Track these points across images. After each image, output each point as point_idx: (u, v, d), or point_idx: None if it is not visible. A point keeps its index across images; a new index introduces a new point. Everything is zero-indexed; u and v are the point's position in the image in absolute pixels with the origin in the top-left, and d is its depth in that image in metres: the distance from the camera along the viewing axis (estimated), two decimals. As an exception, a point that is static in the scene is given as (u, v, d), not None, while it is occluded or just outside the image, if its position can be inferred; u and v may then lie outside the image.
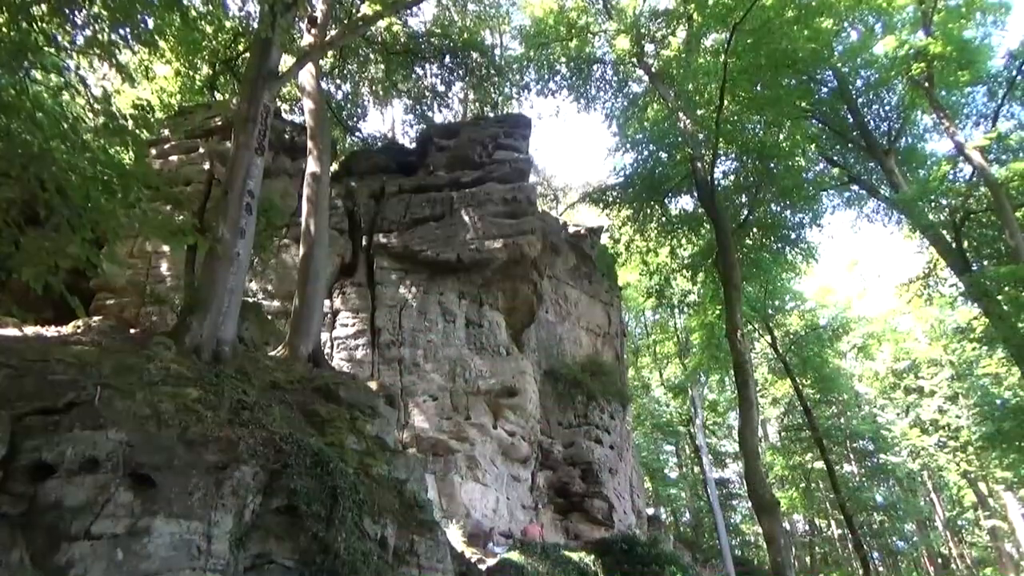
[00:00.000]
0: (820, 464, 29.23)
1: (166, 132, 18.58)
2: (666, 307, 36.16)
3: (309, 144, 14.55)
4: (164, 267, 17.63)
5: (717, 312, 26.07)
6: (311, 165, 14.12)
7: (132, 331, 10.29)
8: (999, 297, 18.85)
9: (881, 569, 43.65)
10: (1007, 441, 20.88)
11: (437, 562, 9.73)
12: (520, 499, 18.45)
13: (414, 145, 24.63)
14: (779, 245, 25.83)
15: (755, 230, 25.42)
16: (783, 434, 40.23)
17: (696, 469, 44.17)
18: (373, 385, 12.41)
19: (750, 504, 23.03)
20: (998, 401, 29.04)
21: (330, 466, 7.47)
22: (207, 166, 18.28)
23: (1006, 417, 19.66)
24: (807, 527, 39.78)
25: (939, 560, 48.07)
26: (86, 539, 5.51)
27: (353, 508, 7.37)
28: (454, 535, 14.15)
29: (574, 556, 15.11)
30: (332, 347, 17.53)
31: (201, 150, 18.76)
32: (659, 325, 48.30)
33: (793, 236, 25.40)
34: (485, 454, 17.00)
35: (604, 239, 30.05)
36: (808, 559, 35.68)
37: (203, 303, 9.40)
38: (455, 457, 16.36)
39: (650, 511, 35.77)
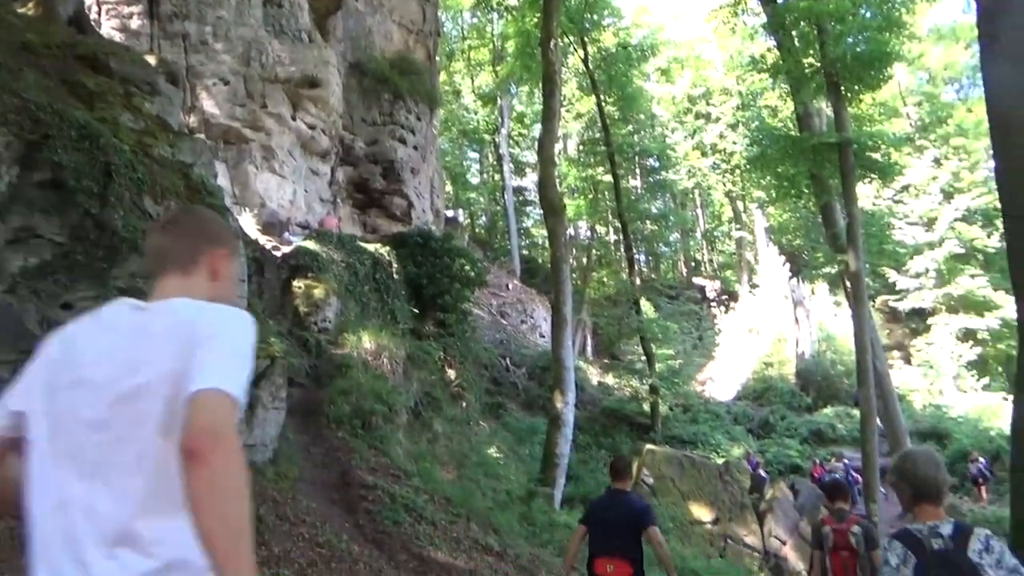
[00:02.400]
0: (609, 177, 31.55)
1: None
2: (484, 8, 34.70)
3: None
4: None
5: (535, 20, 25.45)
6: None
7: None
8: (793, 32, 19.91)
9: (645, 269, 50.25)
10: (767, 165, 23.43)
11: (228, 246, 9.79)
12: (318, 192, 18.46)
13: None
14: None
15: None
16: (581, 148, 42.47)
17: (497, 176, 46.21)
18: (151, 59, 11.16)
19: (541, 211, 24.89)
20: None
21: (101, 141, 6.89)
22: None
23: (772, 143, 21.81)
24: (589, 233, 44.07)
25: (693, 263, 56.20)
26: None
27: (131, 187, 7.01)
28: (248, 223, 14.11)
29: (369, 247, 15.75)
30: (100, 12, 15.23)
31: None
32: (476, 29, 46.69)
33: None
34: (283, 145, 16.47)
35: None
36: (586, 259, 40.00)
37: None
38: (249, 147, 15.72)
39: (449, 213, 37.55)
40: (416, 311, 15.97)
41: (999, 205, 5.30)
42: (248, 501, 1.31)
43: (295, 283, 13.22)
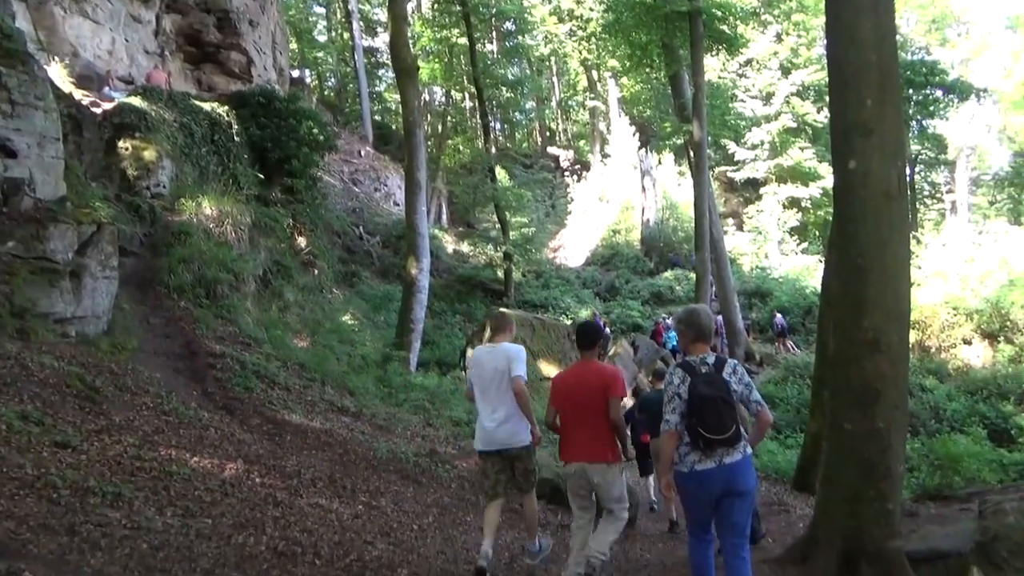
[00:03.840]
0: (464, 40, 30.37)
1: None
2: None
3: None
4: None
5: None
6: None
7: None
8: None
9: (500, 137, 50.00)
10: (622, 32, 23.46)
11: (36, 99, 8.67)
12: (142, 43, 16.54)
13: None
14: None
15: None
16: (435, 7, 40.39)
17: (346, 35, 43.29)
18: None
19: (393, 73, 23.69)
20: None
21: None
22: None
23: (627, 10, 21.74)
24: (443, 98, 42.86)
25: (548, 133, 56.49)
26: None
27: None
28: (58, 74, 12.52)
29: (206, 106, 14.51)
30: None
31: None
32: None
33: None
34: (95, -16, 14.46)
35: None
36: (440, 126, 39.14)
37: None
38: (55, -16, 13.69)
39: (295, 73, 35.13)
40: (261, 176, 15.12)
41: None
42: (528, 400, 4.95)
43: (121, 144, 12.04)
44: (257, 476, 5.78)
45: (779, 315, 25.18)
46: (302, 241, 15.89)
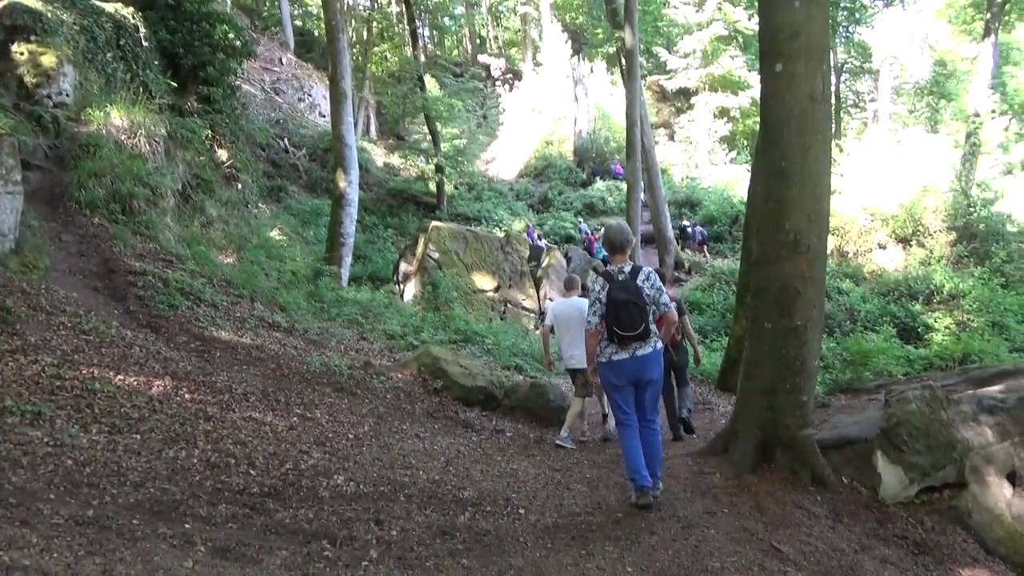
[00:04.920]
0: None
1: None
2: None
3: None
4: None
5: None
6: None
7: None
8: None
9: (429, 45, 48.34)
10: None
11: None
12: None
13: None
14: None
15: None
16: (355, -99, 38.05)
17: (260, -70, 40.44)
18: None
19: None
20: None
21: None
22: None
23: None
24: (368, 2, 40.86)
25: (478, 40, 54.84)
26: None
27: None
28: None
29: (108, 7, 13.40)
30: None
31: None
32: None
33: None
34: None
35: None
36: (366, 33, 37.46)
37: None
38: None
39: (206, -28, 32.76)
40: (174, 85, 14.22)
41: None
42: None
43: (15, 48, 11.08)
44: (186, 392, 5.69)
45: (698, 226, 25.92)
46: (223, 154, 15.18)
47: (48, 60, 11.26)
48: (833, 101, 12.92)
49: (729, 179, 31.88)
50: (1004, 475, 5.05)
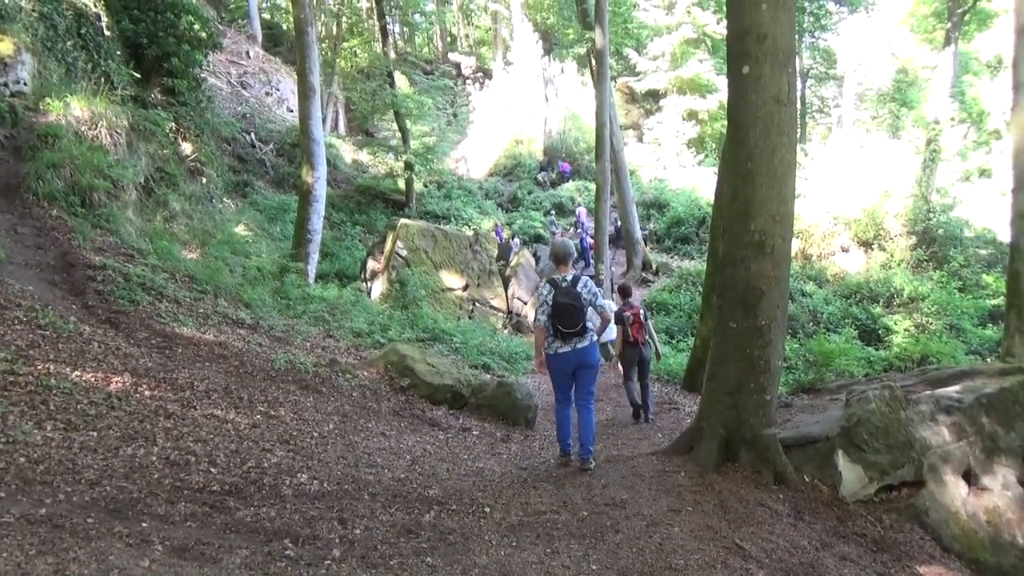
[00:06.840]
0: (358, -67, 28.58)
1: None
2: None
3: None
4: None
5: None
6: None
7: None
8: None
9: (400, 42, 48.03)
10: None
11: None
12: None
13: None
14: None
15: None
16: None
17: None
18: None
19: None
20: None
21: None
22: None
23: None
24: (339, -3, 40.46)
25: (449, 38, 54.66)
26: None
27: None
28: None
29: (70, -5, 13.11)
30: None
31: None
32: None
33: None
34: None
35: None
36: (335, 27, 37.06)
37: None
38: None
39: (172, -38, 32.13)
40: (137, 76, 13.93)
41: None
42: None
43: (-30, 34, 10.78)
44: (146, 389, 5.58)
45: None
46: (187, 147, 14.91)
47: (5, 47, 10.94)
48: (799, 106, 13.13)
49: (697, 181, 32.21)
50: (960, 474, 5.17)
